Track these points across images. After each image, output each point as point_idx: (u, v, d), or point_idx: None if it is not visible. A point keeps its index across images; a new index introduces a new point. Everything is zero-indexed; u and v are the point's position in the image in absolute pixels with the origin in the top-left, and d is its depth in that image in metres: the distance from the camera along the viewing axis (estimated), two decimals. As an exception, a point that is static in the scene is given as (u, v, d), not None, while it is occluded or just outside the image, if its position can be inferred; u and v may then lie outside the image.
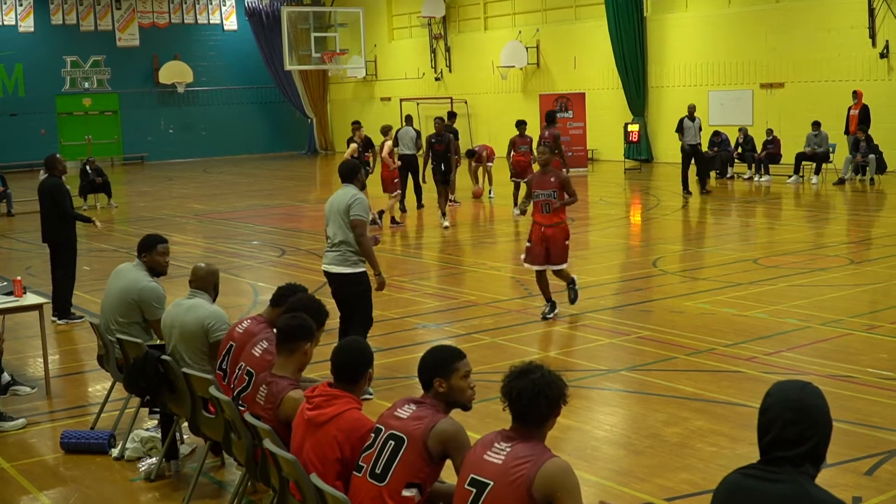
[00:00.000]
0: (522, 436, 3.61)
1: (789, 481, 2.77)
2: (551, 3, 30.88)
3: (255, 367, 5.39)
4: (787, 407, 2.83)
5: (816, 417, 2.83)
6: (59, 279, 10.68)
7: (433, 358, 4.21)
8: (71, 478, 6.36)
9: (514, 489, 3.48)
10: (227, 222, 19.40)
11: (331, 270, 7.68)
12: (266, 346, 5.50)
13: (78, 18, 36.27)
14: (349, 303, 7.77)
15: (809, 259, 12.94)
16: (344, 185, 7.74)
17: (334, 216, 7.62)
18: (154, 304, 6.92)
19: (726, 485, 2.95)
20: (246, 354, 5.57)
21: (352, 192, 7.61)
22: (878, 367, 7.92)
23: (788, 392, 2.87)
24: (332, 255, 7.65)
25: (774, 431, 2.83)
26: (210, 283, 6.46)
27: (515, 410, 3.63)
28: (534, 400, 3.59)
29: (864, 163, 21.00)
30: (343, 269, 7.60)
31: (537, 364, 3.73)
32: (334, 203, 7.68)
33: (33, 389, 8.13)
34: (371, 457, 4.08)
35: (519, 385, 3.62)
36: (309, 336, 5.09)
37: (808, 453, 2.81)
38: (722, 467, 5.93)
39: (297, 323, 5.08)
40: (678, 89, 27.37)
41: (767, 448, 2.86)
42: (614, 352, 8.90)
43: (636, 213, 19.08)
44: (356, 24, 33.75)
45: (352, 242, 7.53)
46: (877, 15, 22.52)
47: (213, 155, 38.16)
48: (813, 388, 2.89)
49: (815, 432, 2.81)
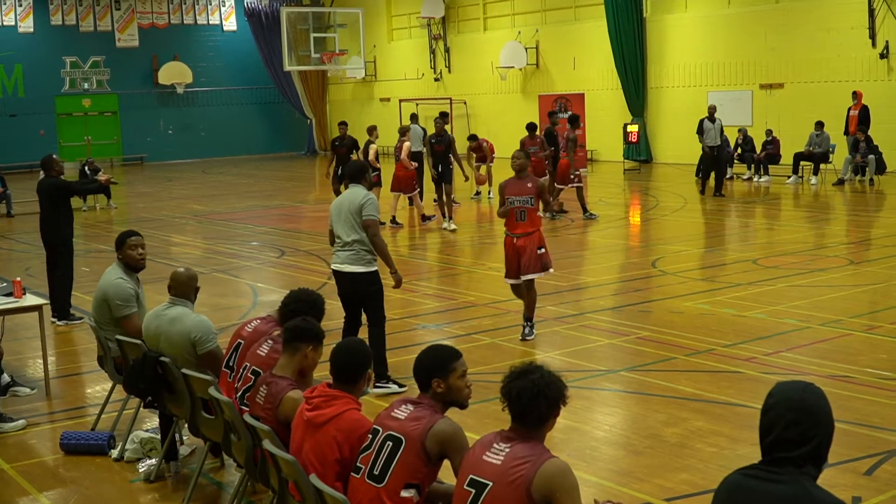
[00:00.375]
0: (522, 436, 3.61)
1: (791, 482, 2.77)
2: (551, 4, 30.89)
3: (261, 366, 5.41)
4: (789, 407, 2.83)
5: (818, 418, 2.82)
6: (56, 280, 10.68)
7: (430, 358, 4.20)
8: (70, 479, 6.36)
9: (514, 490, 3.48)
10: (226, 223, 19.40)
11: (345, 270, 7.65)
12: (272, 345, 5.52)
13: (77, 19, 36.27)
14: (360, 302, 7.77)
15: (809, 259, 12.94)
16: (352, 185, 7.74)
17: (345, 216, 7.61)
18: (117, 301, 6.82)
19: (727, 485, 2.95)
20: (252, 354, 5.59)
21: (363, 193, 7.63)
22: (878, 367, 7.92)
23: (790, 392, 2.87)
24: (344, 254, 7.63)
25: (776, 432, 2.83)
26: (191, 288, 6.31)
27: (515, 411, 3.64)
28: (533, 400, 3.59)
29: (863, 163, 21.00)
30: (357, 268, 7.60)
31: (537, 364, 3.73)
32: (344, 203, 7.67)
33: (33, 390, 8.13)
34: (369, 458, 4.08)
35: (518, 385, 3.62)
36: (310, 339, 5.07)
37: (810, 454, 2.80)
38: (721, 468, 5.93)
39: (303, 325, 5.09)
40: (678, 90, 27.38)
41: (769, 448, 2.85)
42: (614, 352, 8.90)
43: (635, 214, 19.08)
44: (355, 24, 33.75)
45: (365, 241, 7.55)
46: (877, 15, 22.53)
47: (213, 156, 38.17)
48: (815, 389, 2.88)
49: (816, 433, 2.81)
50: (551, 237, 15.98)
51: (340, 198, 7.81)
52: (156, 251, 16.02)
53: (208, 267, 14.09)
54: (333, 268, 7.78)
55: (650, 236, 16.15)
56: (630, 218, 18.49)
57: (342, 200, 7.74)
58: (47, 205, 10.63)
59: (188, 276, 6.32)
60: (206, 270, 13.81)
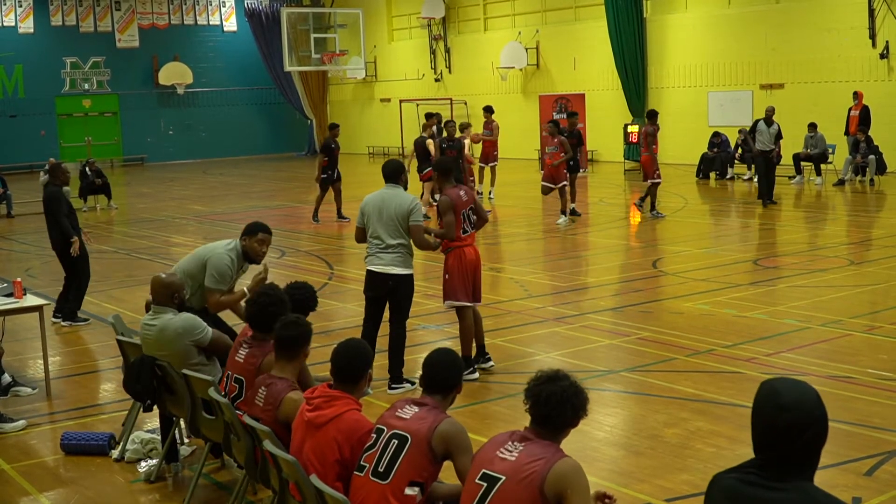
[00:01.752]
0: (538, 438, 3.64)
1: (791, 488, 2.70)
2: (551, 4, 30.89)
3: (242, 372, 5.50)
4: (779, 406, 2.75)
5: (813, 417, 2.74)
6: (70, 285, 10.64)
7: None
8: (71, 479, 6.36)
9: (526, 486, 3.50)
10: (226, 223, 19.39)
11: (389, 272, 7.55)
12: (248, 349, 5.55)
13: (77, 19, 36.28)
14: (392, 303, 7.71)
15: (809, 260, 12.94)
16: (388, 184, 7.64)
17: (387, 218, 7.50)
18: (214, 272, 6.71)
19: (722, 491, 2.88)
20: (231, 362, 5.62)
21: (409, 197, 7.56)
22: (878, 367, 7.92)
23: (782, 392, 2.78)
24: (389, 256, 7.53)
25: (769, 432, 2.77)
26: (167, 296, 6.16)
27: (539, 414, 3.66)
28: (560, 406, 3.63)
29: (864, 164, 21.00)
30: (401, 270, 7.58)
31: (565, 372, 3.77)
32: (387, 204, 7.53)
33: (34, 391, 8.14)
34: (373, 456, 4.09)
35: (548, 390, 3.65)
36: (308, 340, 5.14)
37: (805, 455, 2.74)
38: (722, 468, 5.91)
39: (294, 333, 5.08)
40: (678, 90, 27.38)
41: (762, 449, 2.80)
42: (614, 353, 8.90)
43: (636, 215, 19.08)
44: (356, 25, 33.75)
45: (408, 244, 7.53)
46: (877, 15, 22.53)
47: (213, 156, 38.18)
48: (807, 388, 2.80)
49: (811, 433, 2.73)
50: (552, 237, 15.99)
51: (378, 198, 7.61)
52: (156, 252, 16.04)
53: (209, 267, 14.09)
54: (373, 269, 7.61)
55: (651, 237, 16.15)
56: (631, 218, 18.49)
57: (383, 201, 7.56)
58: (46, 211, 10.65)
59: (160, 284, 6.20)
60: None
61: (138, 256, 15.52)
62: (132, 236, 18.20)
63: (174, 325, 6.08)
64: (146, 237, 17.83)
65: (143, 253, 15.86)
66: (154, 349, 6.12)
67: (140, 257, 15.43)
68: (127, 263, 14.92)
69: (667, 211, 18.17)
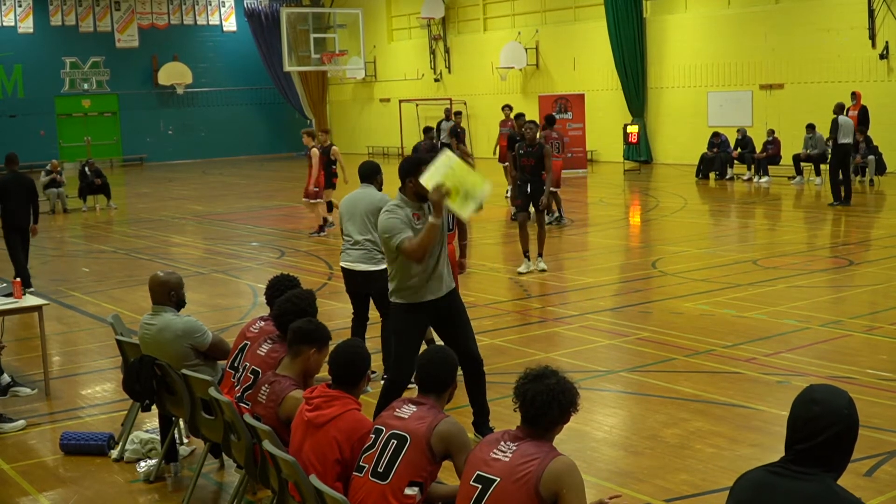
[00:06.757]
0: (530, 436, 3.64)
1: (817, 480, 2.82)
2: (551, 4, 30.89)
3: (261, 365, 5.44)
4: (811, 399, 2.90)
5: (841, 415, 2.87)
6: (20, 258, 12.26)
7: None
8: (70, 479, 6.35)
9: (521, 486, 3.50)
10: (226, 223, 19.40)
11: (356, 268, 7.68)
12: (271, 345, 5.53)
13: (77, 19, 36.29)
14: (373, 299, 7.79)
15: (809, 260, 12.94)
16: (363, 184, 7.72)
17: (359, 216, 7.62)
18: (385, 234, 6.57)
19: (749, 481, 2.98)
20: (251, 354, 5.60)
21: (379, 195, 7.61)
22: (878, 368, 7.92)
23: (817, 389, 2.94)
24: (356, 252, 7.67)
25: (797, 423, 2.89)
26: (164, 295, 6.14)
27: (527, 413, 3.65)
28: (547, 405, 3.62)
29: (863, 164, 21.00)
30: (369, 266, 7.64)
31: (553, 369, 3.75)
32: (359, 202, 7.66)
33: (33, 391, 8.13)
34: (373, 456, 4.09)
35: (534, 389, 3.64)
36: (315, 342, 5.07)
37: (831, 450, 2.86)
38: (721, 468, 5.94)
39: (307, 327, 5.09)
40: (678, 90, 27.38)
41: (792, 443, 2.90)
42: (613, 353, 8.89)
43: (635, 215, 19.08)
44: (355, 24, 33.74)
45: (376, 241, 7.55)
46: (877, 16, 22.53)
47: (213, 156, 38.18)
48: (841, 391, 2.95)
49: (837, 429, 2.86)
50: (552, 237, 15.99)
51: (353, 197, 7.77)
52: (155, 251, 16.04)
53: (208, 267, 14.10)
54: (344, 265, 7.78)
55: (650, 237, 16.15)
56: (630, 218, 18.49)
57: (355, 200, 7.71)
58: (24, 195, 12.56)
59: (158, 282, 6.19)
60: (206, 271, 13.82)
61: (137, 256, 15.52)
62: (131, 236, 18.20)
63: (175, 326, 6.08)
64: (145, 237, 17.83)
65: (143, 253, 15.85)
66: (152, 349, 6.12)
67: (139, 257, 15.43)
68: (126, 263, 14.92)
69: (666, 211, 18.17)
